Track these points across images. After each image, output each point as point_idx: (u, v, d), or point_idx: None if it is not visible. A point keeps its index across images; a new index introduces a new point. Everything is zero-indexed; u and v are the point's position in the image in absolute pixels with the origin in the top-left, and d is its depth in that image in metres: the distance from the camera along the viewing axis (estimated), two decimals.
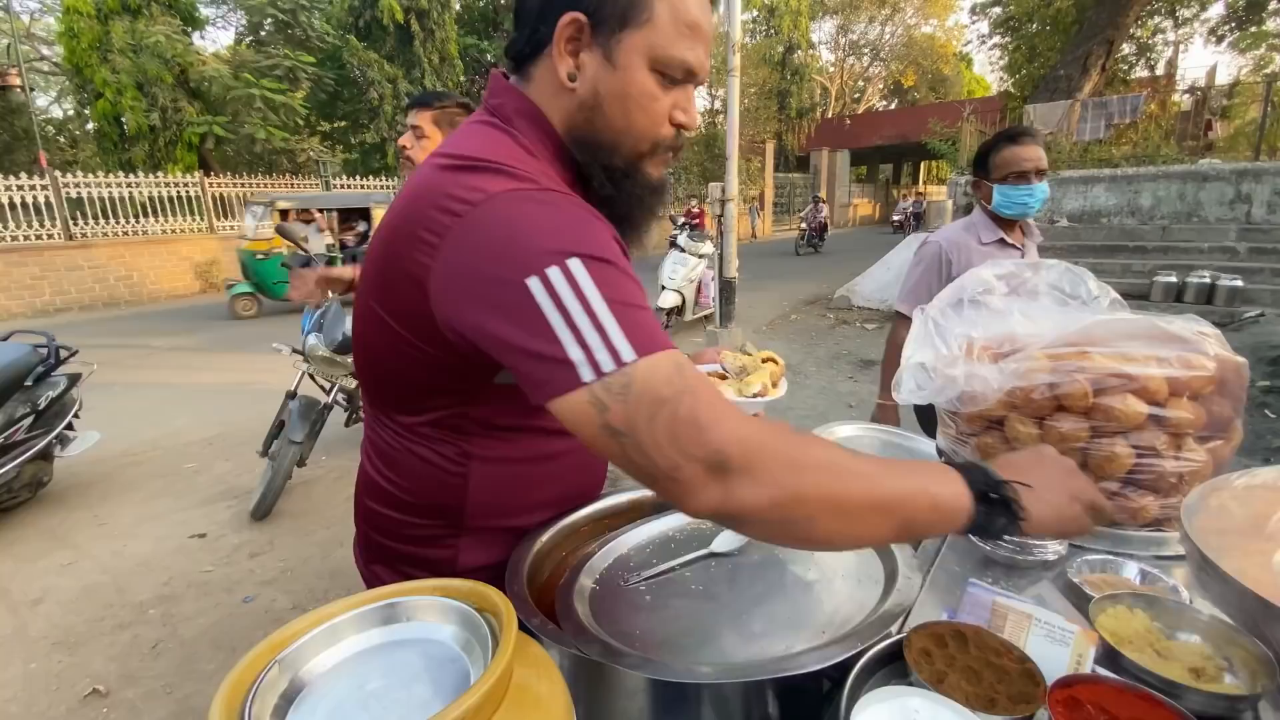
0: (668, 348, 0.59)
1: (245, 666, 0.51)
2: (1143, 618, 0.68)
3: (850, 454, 0.59)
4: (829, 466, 0.57)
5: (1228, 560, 0.49)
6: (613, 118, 0.69)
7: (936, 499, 0.58)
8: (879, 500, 0.57)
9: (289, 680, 0.52)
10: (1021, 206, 1.88)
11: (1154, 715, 0.55)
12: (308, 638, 0.55)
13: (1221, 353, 0.83)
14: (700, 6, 0.68)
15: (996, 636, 0.65)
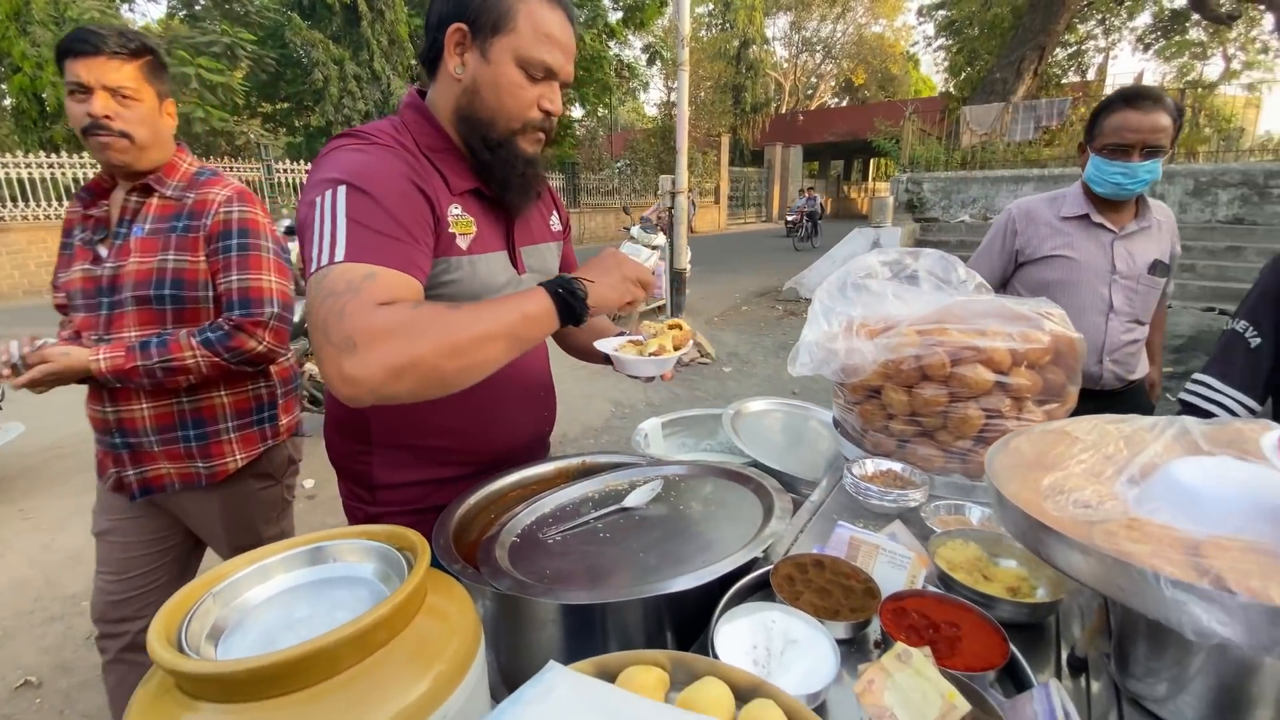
0: (375, 262, 0.78)
1: (180, 598, 0.58)
2: (974, 548, 0.81)
3: (458, 309, 0.77)
4: (440, 325, 0.75)
5: (1009, 486, 0.61)
6: (488, 100, 0.91)
7: (527, 312, 0.81)
8: (484, 333, 0.77)
9: (222, 611, 0.59)
10: (1114, 186, 1.61)
11: (963, 618, 0.68)
12: (239, 575, 0.61)
13: (1057, 329, 0.97)
14: (555, 23, 0.90)
15: (848, 563, 0.77)
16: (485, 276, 0.99)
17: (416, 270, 0.83)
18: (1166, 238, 1.75)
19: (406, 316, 0.74)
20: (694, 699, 0.50)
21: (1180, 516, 0.54)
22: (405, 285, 0.80)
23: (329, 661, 0.52)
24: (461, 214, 0.96)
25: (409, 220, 0.85)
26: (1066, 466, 0.64)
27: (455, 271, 0.95)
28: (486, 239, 1.00)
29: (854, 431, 1.11)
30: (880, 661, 0.59)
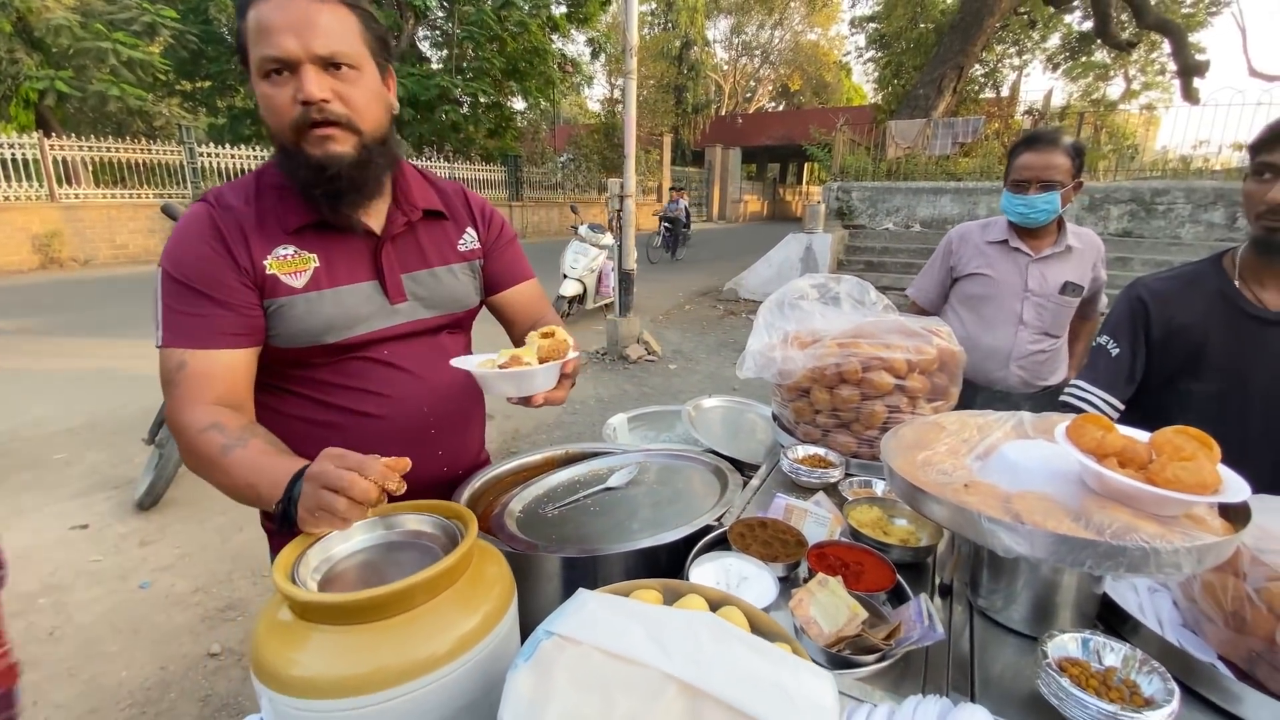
0: (183, 344, 0.92)
1: (291, 548, 0.75)
2: (877, 511, 1.07)
3: (226, 454, 0.86)
4: (205, 462, 0.88)
5: (896, 461, 0.87)
6: (268, 121, 0.92)
7: (260, 495, 0.83)
8: (229, 487, 0.87)
9: (321, 558, 0.77)
10: (1020, 215, 1.87)
11: (864, 558, 0.93)
12: (332, 533, 0.79)
13: (943, 344, 1.25)
14: (271, 10, 0.86)
15: (784, 523, 1.01)
16: (335, 310, 0.99)
17: (225, 338, 0.93)
18: (1087, 262, 1.98)
19: (191, 439, 0.88)
20: (684, 606, 0.72)
21: (1004, 480, 0.81)
22: (209, 367, 0.91)
23: (409, 599, 0.70)
24: (294, 253, 0.97)
25: (210, 288, 0.92)
26: (934, 447, 0.90)
27: (291, 310, 0.96)
28: (339, 271, 1.00)
29: (788, 423, 1.37)
30: (806, 586, 0.83)
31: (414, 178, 1.12)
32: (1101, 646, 0.71)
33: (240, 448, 0.86)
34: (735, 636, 0.63)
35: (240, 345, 0.95)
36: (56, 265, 10.36)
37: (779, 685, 0.59)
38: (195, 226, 0.95)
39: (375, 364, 1.06)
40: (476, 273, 1.17)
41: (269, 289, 0.95)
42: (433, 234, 1.11)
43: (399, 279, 1.06)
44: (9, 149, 9.95)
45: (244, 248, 0.94)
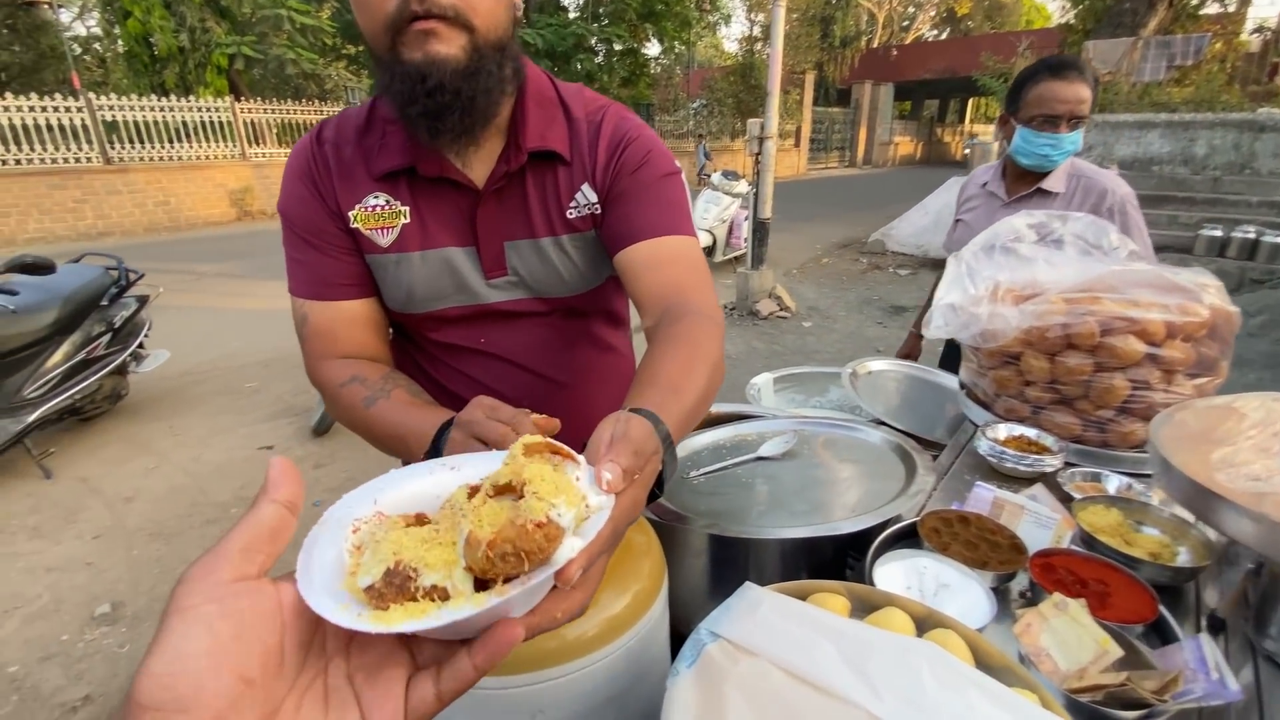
0: (301, 294, 0.86)
1: None
2: (1116, 514, 0.84)
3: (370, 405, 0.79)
4: (349, 415, 0.82)
5: (1177, 456, 0.64)
6: (362, 28, 0.74)
7: (410, 447, 0.75)
8: (376, 439, 0.81)
9: None
10: (1040, 158, 1.57)
11: (1109, 576, 0.72)
12: None
13: (1216, 302, 0.95)
14: None
15: (993, 521, 0.81)
16: (420, 277, 0.85)
17: (336, 289, 0.85)
18: (1081, 208, 1.56)
19: (332, 393, 0.83)
20: (882, 622, 0.57)
21: None
22: (329, 322, 0.86)
23: None
24: (385, 204, 0.83)
25: (310, 233, 0.84)
26: (1235, 442, 0.65)
27: (382, 272, 0.86)
28: (433, 230, 0.85)
29: (984, 396, 1.13)
30: (1038, 608, 0.65)
31: (540, 99, 0.86)
32: None
33: (383, 399, 0.81)
34: (969, 680, 0.47)
35: (354, 296, 0.86)
36: (249, 217, 11.80)
37: None
38: (295, 161, 0.86)
39: (470, 352, 0.93)
40: (593, 245, 0.90)
41: (364, 245, 0.85)
42: (543, 186, 0.86)
43: (500, 248, 0.86)
44: (208, 113, 11.34)
45: (331, 192, 0.84)
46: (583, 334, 0.98)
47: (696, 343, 0.70)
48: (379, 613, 0.32)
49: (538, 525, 0.34)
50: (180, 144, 11.15)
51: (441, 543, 0.36)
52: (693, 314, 0.74)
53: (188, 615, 0.30)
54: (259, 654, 0.31)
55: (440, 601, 0.33)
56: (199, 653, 0.29)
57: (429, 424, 0.76)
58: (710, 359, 0.69)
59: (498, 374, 0.94)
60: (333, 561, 0.36)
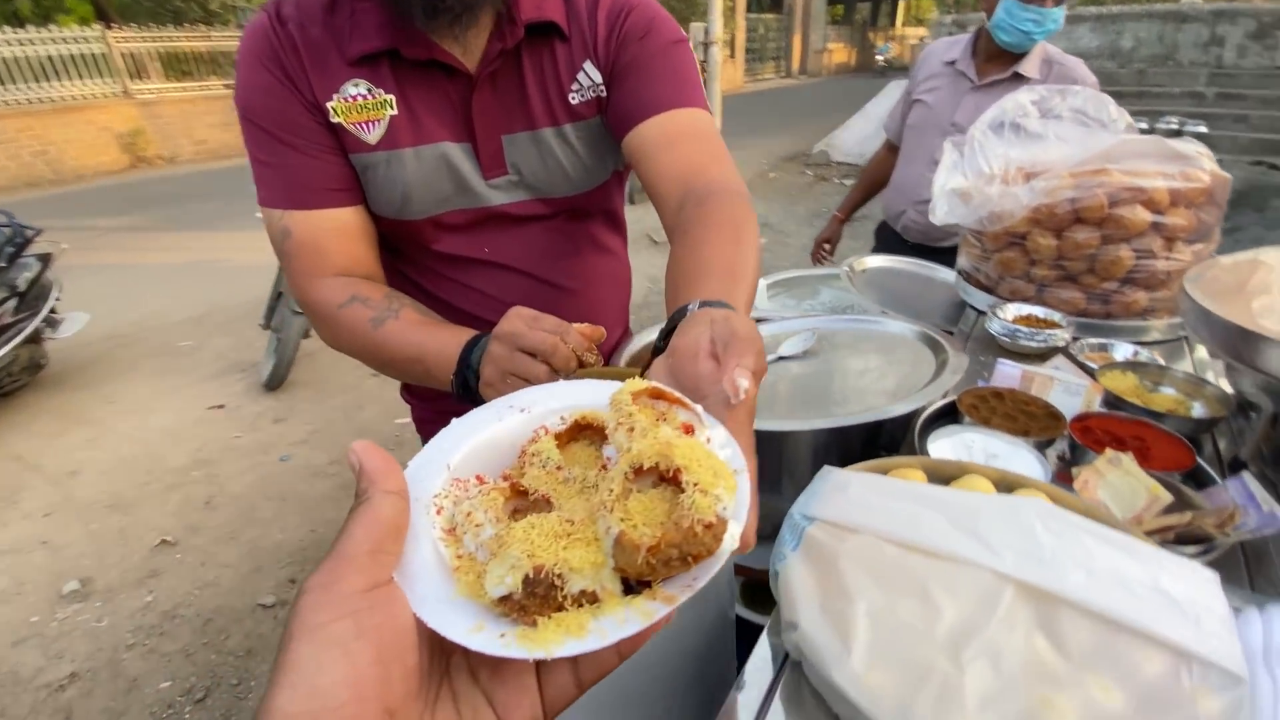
0: (279, 204, 0.75)
1: None
2: (1133, 378, 0.88)
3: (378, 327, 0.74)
4: (353, 337, 0.76)
5: (1218, 307, 0.66)
6: None
7: (430, 370, 0.72)
8: (388, 363, 0.76)
9: None
10: (1022, 35, 1.52)
11: (1144, 432, 0.75)
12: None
13: (1213, 167, 0.97)
14: None
15: (1025, 393, 0.83)
16: (415, 178, 0.76)
17: (321, 194, 0.75)
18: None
19: (330, 315, 0.76)
20: (967, 488, 0.58)
21: None
22: (316, 233, 0.76)
23: None
24: (367, 92, 0.73)
25: (283, 129, 0.73)
26: (1273, 292, 0.68)
27: (372, 173, 0.76)
28: (425, 124, 0.75)
29: (988, 280, 1.15)
30: (1093, 465, 0.67)
31: None
32: None
33: (392, 319, 0.74)
34: (1081, 528, 0.48)
35: (344, 203, 0.77)
36: (145, 164, 10.68)
37: (1159, 589, 0.44)
38: (252, 46, 0.73)
39: (473, 263, 0.86)
40: (598, 134, 0.82)
41: (347, 143, 0.75)
42: (541, 68, 0.78)
43: (498, 142, 0.78)
44: (77, 44, 9.98)
45: (304, 79, 0.72)
46: (586, 237, 0.93)
47: (736, 223, 0.65)
48: (527, 631, 0.27)
49: (707, 527, 0.27)
50: (49, 83, 9.83)
51: (581, 538, 0.29)
52: (719, 192, 0.69)
53: (319, 638, 0.24)
54: (400, 678, 0.26)
55: (590, 607, 0.28)
56: (338, 685, 0.24)
57: (451, 343, 0.71)
58: (753, 237, 0.65)
59: (504, 284, 0.88)
60: (430, 560, 0.30)
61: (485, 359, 0.65)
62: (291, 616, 0.25)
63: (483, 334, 0.70)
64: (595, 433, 0.38)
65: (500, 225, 0.84)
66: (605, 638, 0.26)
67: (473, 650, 0.26)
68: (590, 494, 0.34)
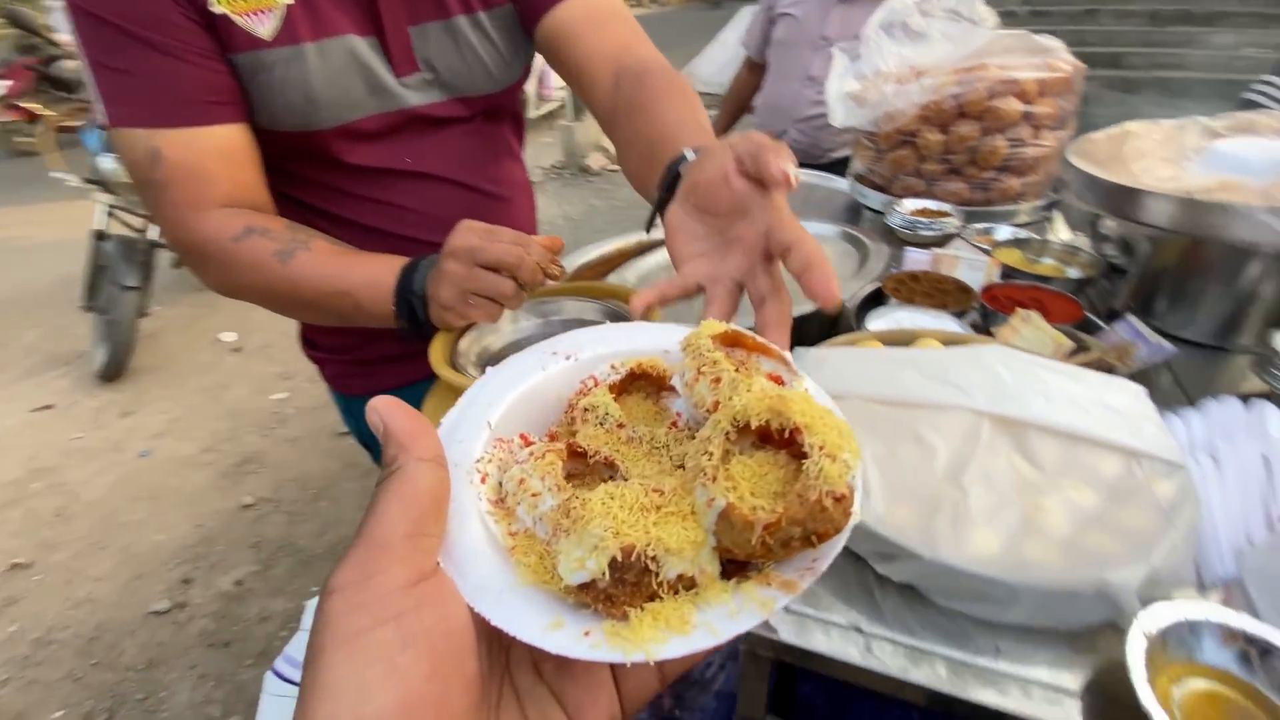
0: (142, 123, 0.63)
1: (440, 342, 0.61)
2: (1018, 252, 0.99)
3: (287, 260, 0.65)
4: (257, 276, 0.66)
5: (1107, 173, 0.76)
6: None
7: (361, 304, 0.66)
8: (303, 302, 0.68)
9: (477, 350, 0.63)
10: None
11: (1039, 294, 0.86)
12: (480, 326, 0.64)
13: (1069, 58, 1.09)
14: None
15: (937, 273, 0.91)
16: (321, 78, 0.67)
17: (199, 107, 0.63)
18: None
19: (222, 252, 0.65)
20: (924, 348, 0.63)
21: (1238, 175, 0.71)
22: (195, 156, 0.64)
23: None
24: None
25: (148, 26, 0.60)
26: (1143, 157, 0.78)
27: (264, 75, 0.65)
28: (324, 13, 0.66)
29: (882, 180, 1.23)
30: (1009, 324, 0.76)
31: None
32: None
33: (302, 250, 0.66)
34: (1035, 364, 0.55)
35: (227, 118, 0.65)
36: None
37: (1105, 405, 0.51)
38: None
39: (395, 176, 0.78)
40: (513, 22, 0.76)
41: (224, 38, 0.63)
42: None
43: (405, 36, 0.70)
44: None
45: None
46: (502, 141, 0.88)
47: (686, 93, 0.64)
48: (617, 626, 0.22)
49: (837, 500, 0.22)
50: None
51: (674, 512, 0.24)
52: (656, 69, 0.68)
53: (358, 651, 0.19)
54: (461, 691, 0.21)
55: (688, 595, 0.23)
56: (388, 712, 0.19)
57: (383, 270, 0.65)
58: (703, 109, 0.64)
59: (431, 196, 0.80)
60: (480, 540, 0.25)
61: (438, 280, 0.60)
62: (319, 624, 0.20)
63: (420, 257, 0.65)
64: (652, 383, 0.34)
65: (420, 130, 0.76)
66: (716, 634, 0.22)
67: None
68: (661, 456, 0.29)
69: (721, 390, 0.28)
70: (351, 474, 2.34)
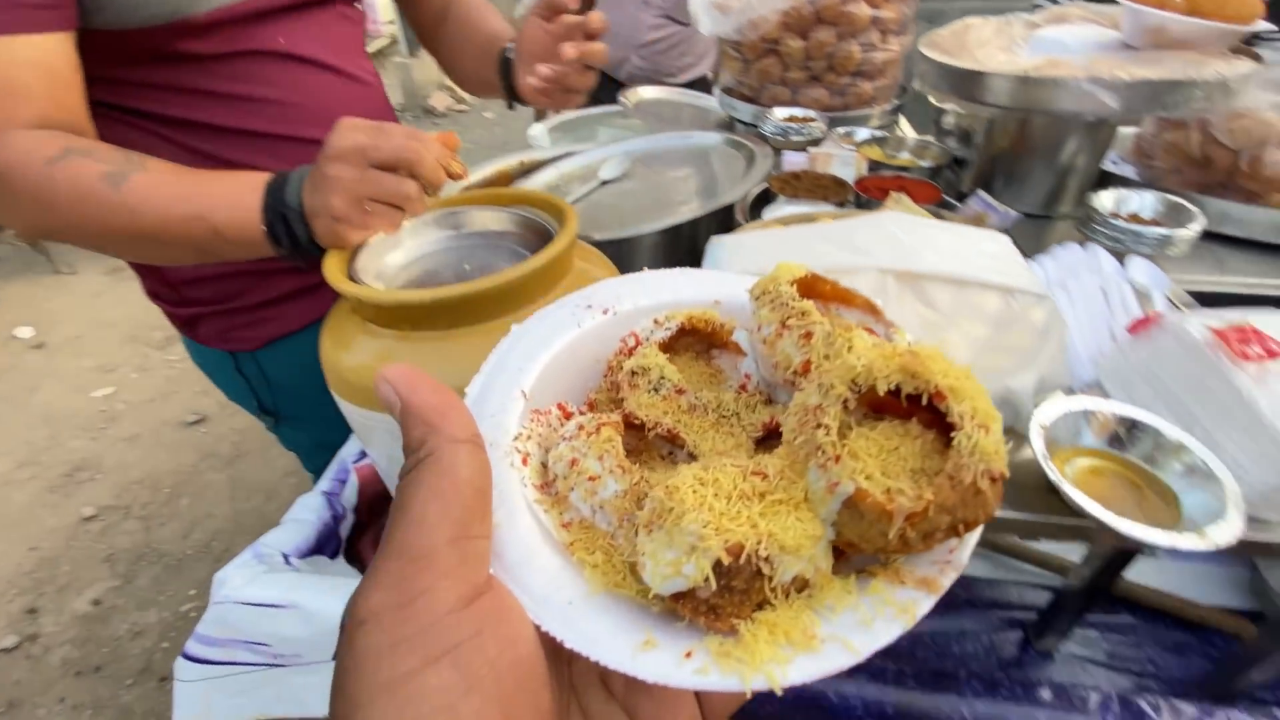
0: None
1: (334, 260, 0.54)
2: (878, 149, 1.07)
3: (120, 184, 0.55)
4: (81, 203, 0.55)
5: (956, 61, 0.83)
6: None
7: (219, 229, 0.57)
8: (144, 233, 0.56)
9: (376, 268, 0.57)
10: None
11: (902, 182, 0.94)
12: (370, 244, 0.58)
13: None
14: None
15: (815, 171, 0.97)
16: None
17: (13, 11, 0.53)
18: None
19: (35, 179, 0.54)
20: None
21: (1063, 56, 0.81)
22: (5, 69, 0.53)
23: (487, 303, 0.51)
24: None
25: None
26: (983, 45, 0.87)
27: None
28: None
29: (751, 91, 1.26)
30: (885, 206, 0.83)
31: None
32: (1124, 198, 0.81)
33: (139, 172, 0.56)
34: (922, 223, 0.60)
35: (49, 25, 0.55)
36: None
37: (981, 253, 0.58)
38: None
39: (266, 60, 0.69)
40: None
41: None
42: None
43: None
44: None
45: None
46: (359, 27, 0.84)
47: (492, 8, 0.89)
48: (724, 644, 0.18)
49: (993, 480, 0.18)
50: None
51: (783, 500, 0.20)
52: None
53: (409, 700, 0.15)
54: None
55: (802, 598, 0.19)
56: None
57: (244, 187, 0.56)
58: None
59: (307, 84, 0.73)
60: (534, 538, 0.21)
61: (326, 188, 0.54)
62: (348, 665, 0.16)
63: (287, 171, 0.57)
64: (701, 340, 0.29)
65: (289, 10, 0.69)
66: (853, 651, 0.18)
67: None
68: (733, 427, 0.26)
69: (814, 348, 0.23)
70: (212, 464, 2.11)
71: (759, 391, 0.27)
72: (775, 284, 0.26)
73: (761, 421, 0.26)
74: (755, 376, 0.27)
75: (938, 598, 0.19)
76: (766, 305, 0.26)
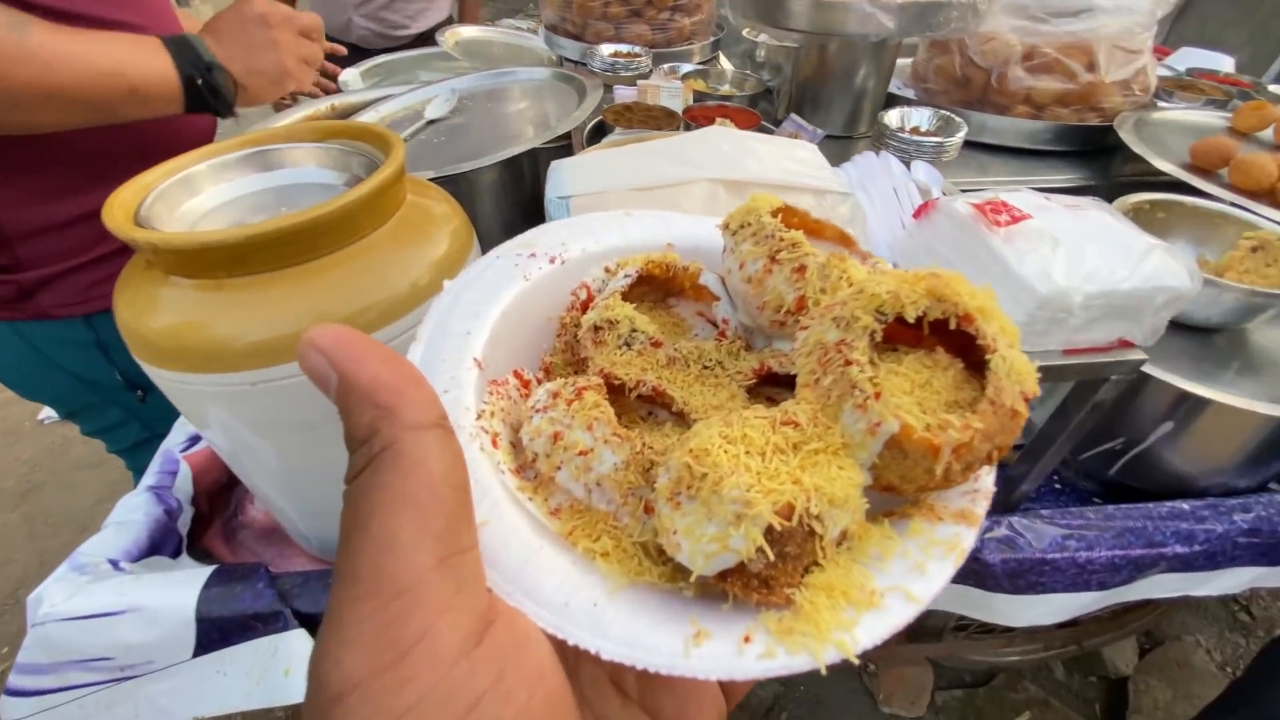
0: None
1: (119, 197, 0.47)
2: (702, 82, 1.13)
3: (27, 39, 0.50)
4: None
5: None
6: None
7: (135, 85, 0.55)
8: (58, 89, 0.52)
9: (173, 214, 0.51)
10: None
11: (724, 111, 0.99)
12: (169, 181, 0.51)
13: None
14: None
15: (645, 103, 1.00)
16: None
17: None
18: None
19: None
20: None
21: None
22: None
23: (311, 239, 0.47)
24: None
25: None
26: None
27: None
28: None
29: (575, 28, 1.25)
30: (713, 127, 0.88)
31: None
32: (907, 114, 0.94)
33: (36, 26, 0.51)
34: (745, 136, 0.65)
35: None
36: None
37: (795, 159, 0.65)
38: None
39: None
40: None
41: None
42: None
43: None
44: None
45: None
46: None
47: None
48: (784, 619, 0.16)
49: (1027, 400, 0.18)
50: None
51: (821, 448, 0.18)
52: None
53: None
54: None
55: (846, 551, 0.18)
56: None
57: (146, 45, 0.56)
58: None
59: None
60: (523, 532, 0.18)
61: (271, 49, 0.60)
62: None
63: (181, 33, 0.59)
64: (657, 287, 0.26)
65: None
66: (915, 599, 0.16)
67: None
68: (718, 376, 0.23)
69: (809, 282, 0.22)
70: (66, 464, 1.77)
71: (739, 337, 0.25)
72: (756, 215, 0.24)
73: (750, 368, 0.24)
74: (733, 320, 0.25)
75: (978, 529, 0.18)
76: (748, 239, 0.24)
